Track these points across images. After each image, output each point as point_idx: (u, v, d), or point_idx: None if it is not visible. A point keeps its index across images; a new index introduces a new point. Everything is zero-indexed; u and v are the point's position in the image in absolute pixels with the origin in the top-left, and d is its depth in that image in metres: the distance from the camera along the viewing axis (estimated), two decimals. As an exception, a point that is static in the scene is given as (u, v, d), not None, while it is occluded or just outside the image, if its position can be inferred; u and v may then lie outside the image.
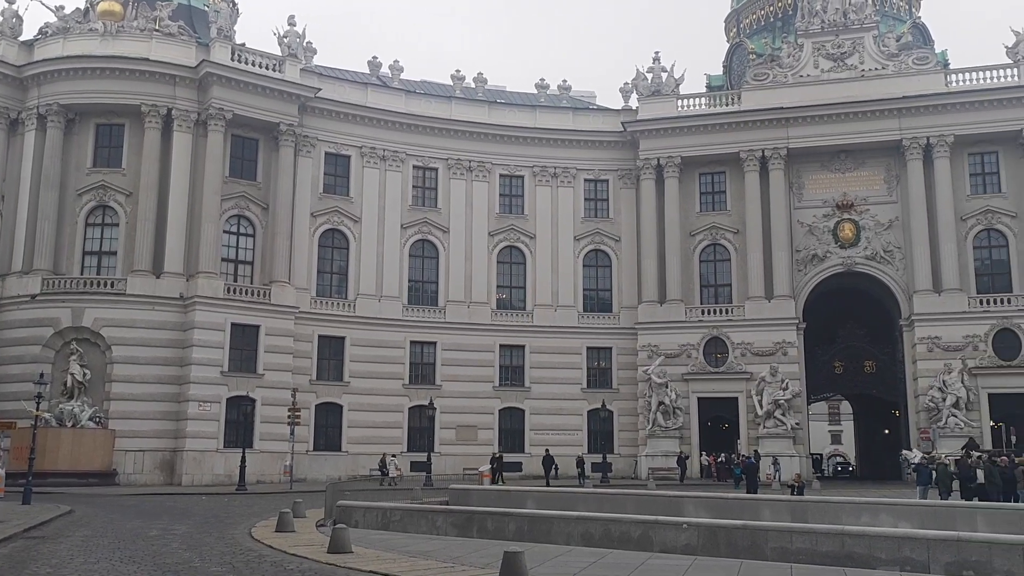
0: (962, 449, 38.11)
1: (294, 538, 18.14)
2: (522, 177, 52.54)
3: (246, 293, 43.94)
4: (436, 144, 51.14)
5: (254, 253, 45.62)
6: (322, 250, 48.17)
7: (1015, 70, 47.73)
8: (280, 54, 46.72)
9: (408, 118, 50.60)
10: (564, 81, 56.47)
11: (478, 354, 49.45)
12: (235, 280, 44.52)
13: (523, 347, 50.53)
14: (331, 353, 47.13)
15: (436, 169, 51.27)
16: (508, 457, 48.04)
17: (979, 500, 25.78)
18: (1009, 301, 46.21)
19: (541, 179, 52.49)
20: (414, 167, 50.85)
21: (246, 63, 45.13)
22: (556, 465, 44.65)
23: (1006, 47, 48.45)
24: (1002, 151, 48.00)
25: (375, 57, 53.52)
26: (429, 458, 44.61)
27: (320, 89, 47.71)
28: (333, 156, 48.96)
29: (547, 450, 45.47)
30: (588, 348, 51.21)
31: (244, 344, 43.17)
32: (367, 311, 47.99)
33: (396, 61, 52.85)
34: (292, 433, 40.34)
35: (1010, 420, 44.20)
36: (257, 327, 43.46)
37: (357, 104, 49.56)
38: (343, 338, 47.28)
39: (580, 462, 44.94)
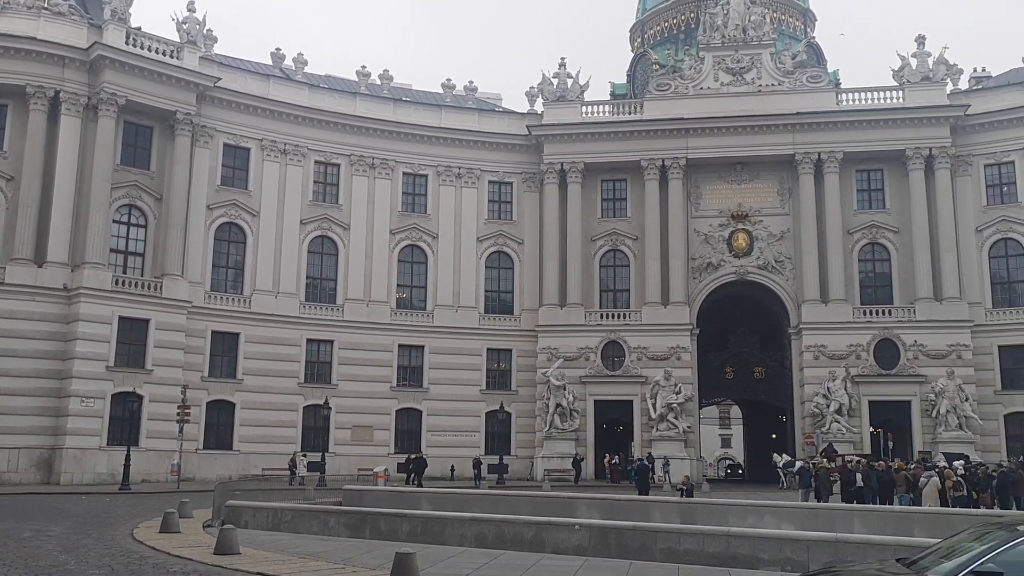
0: (821, 455, 39.66)
1: (179, 539, 17.59)
2: (426, 176, 52.29)
3: (136, 286, 42.34)
4: (339, 140, 50.42)
5: (146, 245, 44.03)
6: (218, 244, 46.87)
7: (900, 92, 50.03)
8: (179, 40, 45.27)
9: (311, 112, 49.75)
10: (470, 82, 56.48)
11: (376, 353, 48.95)
12: (124, 272, 42.85)
13: (422, 347, 50.26)
14: (224, 349, 45.87)
15: (338, 165, 50.56)
16: (404, 459, 47.81)
17: (857, 503, 26.82)
18: (890, 312, 48.36)
19: (445, 179, 52.35)
20: (316, 162, 50.02)
21: (141, 48, 43.53)
22: (426, 466, 43.68)
23: (892, 70, 50.78)
24: (887, 169, 50.23)
25: (279, 49, 52.43)
26: (323, 458, 43.94)
27: (220, 79, 46.45)
28: (232, 148, 47.70)
29: (419, 453, 45.11)
30: (488, 350, 51.30)
31: (132, 338, 41.60)
32: (263, 307, 46.92)
33: (300, 54, 51.88)
34: (181, 431, 39.03)
35: (888, 426, 46.33)
36: (147, 321, 41.95)
37: (258, 96, 48.42)
38: (237, 334, 46.09)
39: (477, 463, 44.96)
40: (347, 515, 20.60)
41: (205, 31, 46.73)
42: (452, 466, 47.21)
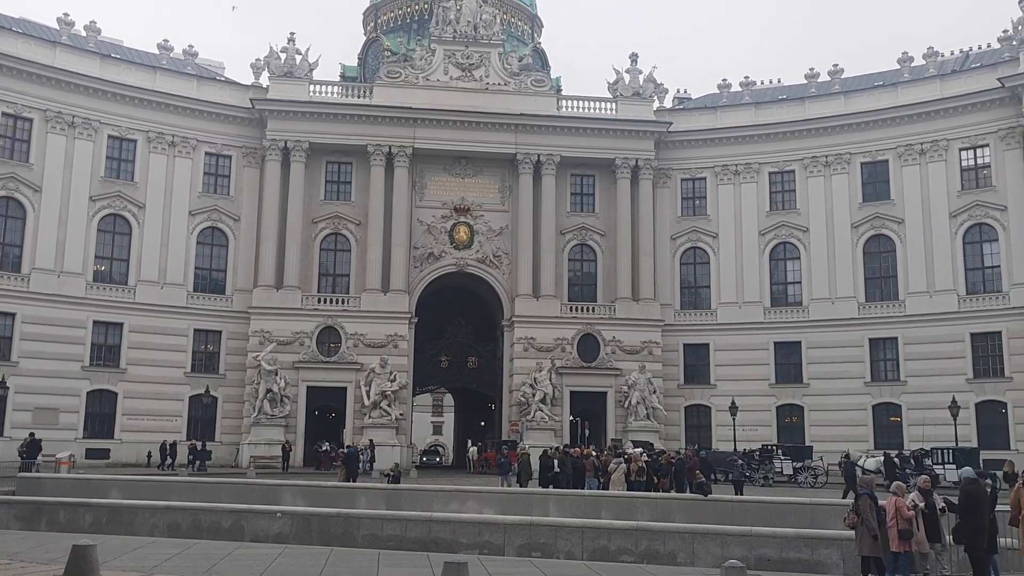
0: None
1: None
2: (135, 141, 48.49)
3: None
4: (32, 92, 45.42)
5: None
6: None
7: (613, 105, 53.56)
8: None
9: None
10: (190, 46, 53.09)
11: (68, 330, 44.74)
12: None
13: (121, 325, 46.65)
14: None
15: (31, 120, 45.59)
16: (96, 444, 44.33)
17: (554, 487, 28.33)
18: (593, 310, 51.70)
19: (157, 146, 48.85)
20: (3, 114, 44.79)
21: None
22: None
23: (608, 83, 54.25)
24: (598, 175, 53.58)
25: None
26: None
27: None
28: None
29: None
30: (196, 330, 48.63)
31: None
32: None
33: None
34: None
35: (586, 415, 49.59)
36: None
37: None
38: None
39: (172, 449, 42.74)
40: (18, 505, 18.65)
41: None
42: (149, 452, 44.36)
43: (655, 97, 54.28)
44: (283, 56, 51.54)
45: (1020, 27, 46.98)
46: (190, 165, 49.62)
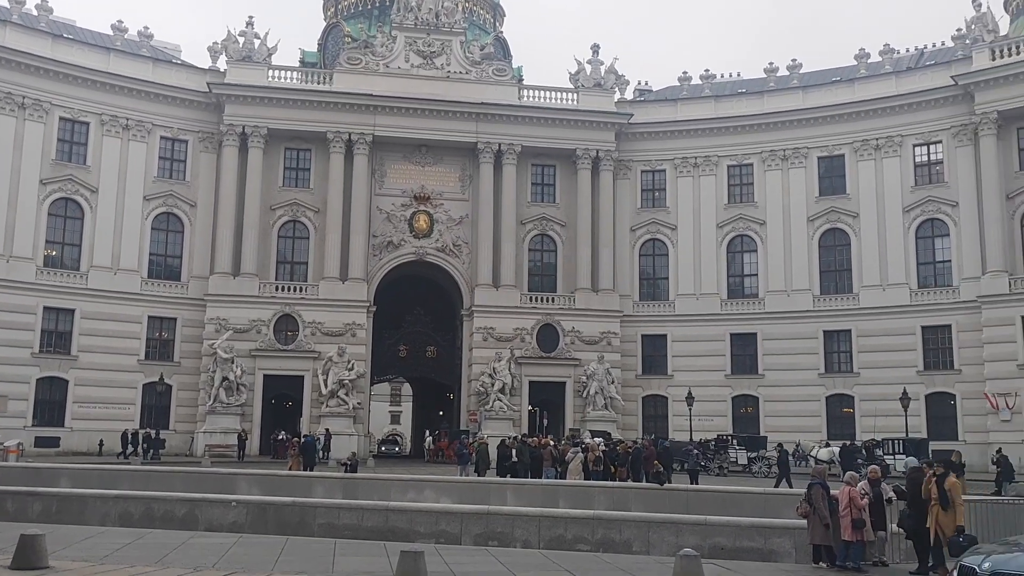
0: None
1: None
2: (87, 124, 47.51)
3: None
4: (-18, 71, 44.33)
5: None
6: None
7: (575, 95, 53.58)
8: None
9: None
10: (146, 28, 52.11)
11: (15, 316, 43.78)
12: None
13: (73, 311, 45.76)
14: None
15: (-18, 101, 44.49)
16: (46, 432, 43.54)
17: (512, 477, 28.39)
18: (553, 300, 51.80)
19: (111, 129, 47.89)
20: (-48, 94, 43.68)
21: None
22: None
23: (570, 73, 54.28)
24: (559, 165, 53.61)
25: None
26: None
27: None
28: None
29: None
30: (150, 317, 47.87)
31: None
32: None
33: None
34: None
35: (544, 405, 49.74)
36: None
37: None
38: None
39: (135, 438, 42.09)
40: (-36, 495, 18.23)
41: None
42: (101, 440, 43.63)
43: (616, 88, 54.41)
44: (241, 40, 50.79)
45: (973, 26, 47.82)
46: (145, 149, 48.76)
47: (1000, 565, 9.65)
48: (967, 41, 48.29)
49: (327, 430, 44.83)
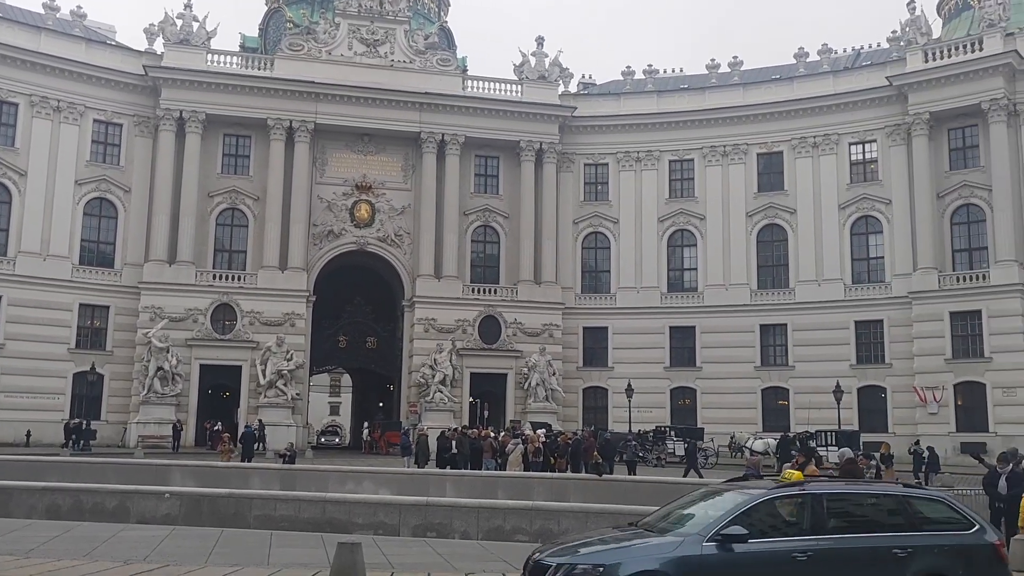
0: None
1: None
2: (16, 105, 46.02)
3: None
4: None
5: None
6: None
7: (519, 87, 53.56)
8: None
9: None
10: (79, 7, 50.59)
11: (-60, 302, 42.38)
12: None
13: None
14: None
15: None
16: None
17: (452, 468, 28.36)
18: (496, 291, 51.80)
19: (41, 111, 46.47)
20: None
21: None
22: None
23: (514, 65, 54.23)
24: (503, 157, 53.57)
25: None
26: None
27: None
28: None
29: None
30: (82, 305, 46.65)
31: None
32: None
33: None
34: None
35: (486, 397, 49.78)
36: None
37: None
38: None
39: (78, 429, 41.05)
40: None
41: None
42: (28, 431, 42.41)
43: (560, 81, 54.54)
44: (179, 22, 49.69)
45: (908, 28, 48.97)
46: (77, 132, 47.43)
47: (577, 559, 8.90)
48: (902, 43, 49.47)
49: (260, 420, 44.14)
